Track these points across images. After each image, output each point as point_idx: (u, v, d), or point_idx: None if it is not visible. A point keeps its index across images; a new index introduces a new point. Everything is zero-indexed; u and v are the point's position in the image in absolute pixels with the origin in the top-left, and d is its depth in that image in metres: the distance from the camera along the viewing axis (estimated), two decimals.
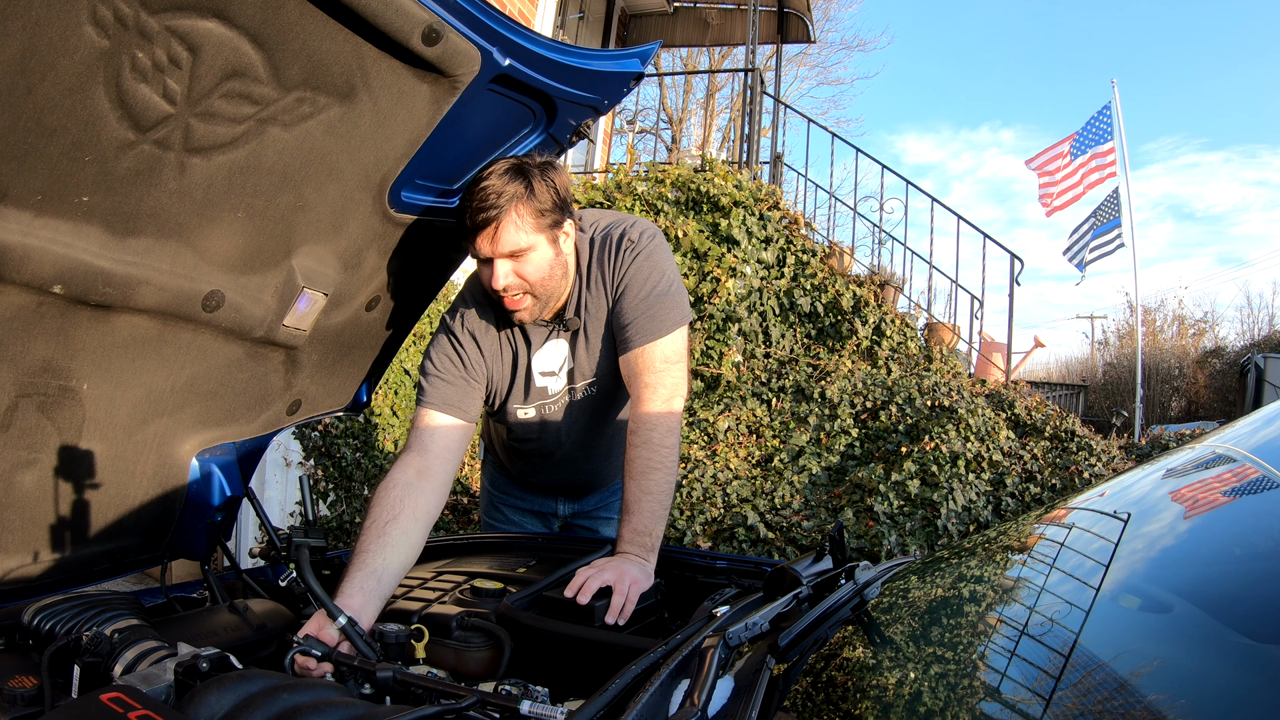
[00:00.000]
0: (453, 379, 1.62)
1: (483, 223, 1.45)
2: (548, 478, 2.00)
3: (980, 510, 4.17)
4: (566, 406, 1.75)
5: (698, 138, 17.54)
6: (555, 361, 1.70)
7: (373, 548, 1.36)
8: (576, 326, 1.66)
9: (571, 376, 1.71)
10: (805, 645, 1.02)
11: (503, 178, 1.45)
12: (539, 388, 1.71)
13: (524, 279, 1.52)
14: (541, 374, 1.70)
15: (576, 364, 1.70)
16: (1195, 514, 1.04)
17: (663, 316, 1.59)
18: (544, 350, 1.69)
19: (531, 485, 2.05)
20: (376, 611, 1.30)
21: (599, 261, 1.63)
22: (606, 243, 1.63)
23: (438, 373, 1.62)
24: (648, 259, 1.61)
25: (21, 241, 1.02)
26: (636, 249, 1.61)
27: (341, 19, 1.07)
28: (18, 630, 1.23)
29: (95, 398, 1.31)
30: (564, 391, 1.73)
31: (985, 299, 6.33)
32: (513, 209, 1.45)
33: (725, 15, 8.86)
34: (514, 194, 1.45)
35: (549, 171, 1.50)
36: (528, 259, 1.50)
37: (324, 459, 4.28)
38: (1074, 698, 0.73)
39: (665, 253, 1.65)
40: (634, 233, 1.63)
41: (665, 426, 1.54)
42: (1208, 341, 15.50)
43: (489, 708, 0.90)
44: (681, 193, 5.63)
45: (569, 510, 2.07)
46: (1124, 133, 9.09)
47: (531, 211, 1.47)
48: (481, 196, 1.44)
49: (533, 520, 2.09)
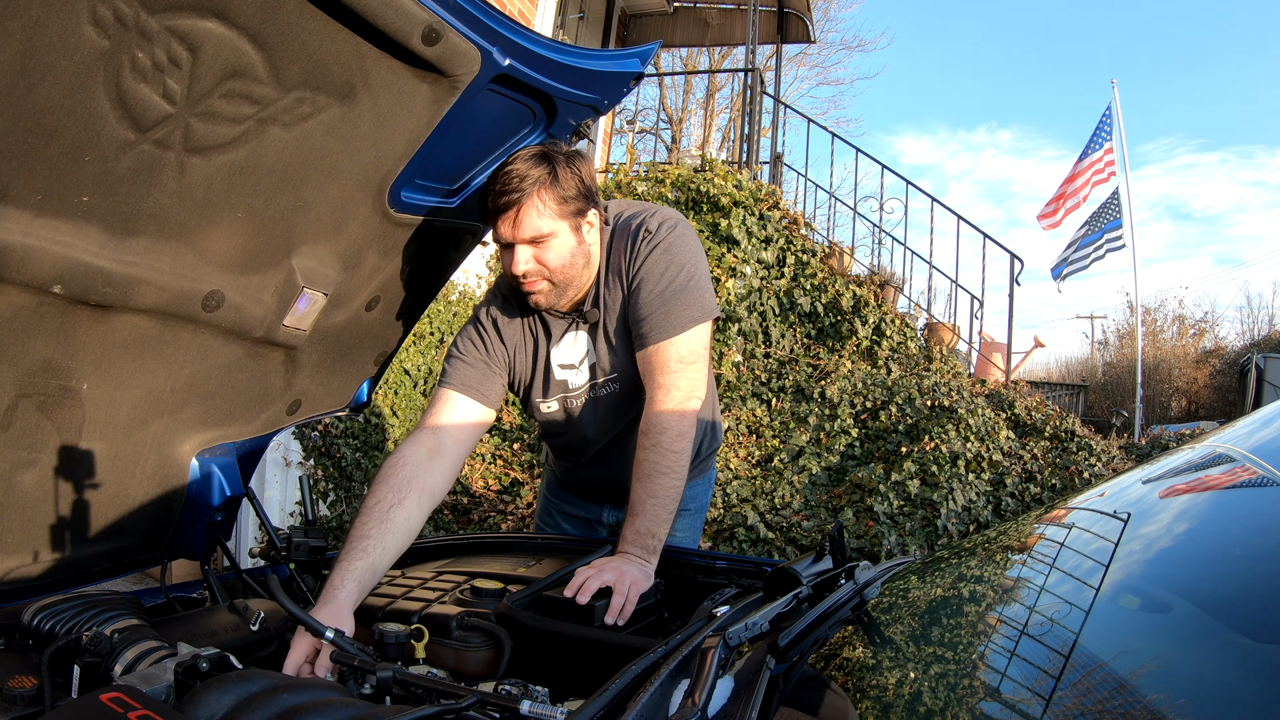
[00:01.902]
0: (474, 362, 1.62)
1: (504, 206, 1.44)
2: (586, 477, 1.95)
3: (980, 510, 4.17)
4: (589, 402, 1.71)
5: (698, 138, 17.55)
6: (575, 355, 1.67)
7: (374, 534, 1.35)
8: (595, 319, 1.62)
9: (594, 371, 1.68)
10: (805, 645, 1.02)
11: (527, 162, 1.43)
12: (559, 380, 1.69)
13: (544, 265, 1.50)
14: (561, 366, 1.68)
15: (598, 358, 1.66)
16: (1195, 514, 1.04)
17: (679, 313, 1.54)
18: (563, 343, 1.67)
19: (577, 489, 2.01)
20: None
21: (616, 252, 1.59)
22: (624, 233, 1.59)
23: (460, 355, 1.63)
24: (665, 251, 1.56)
25: (21, 241, 1.02)
26: (654, 240, 1.56)
27: (341, 19, 1.07)
28: (18, 630, 1.23)
29: (95, 398, 1.31)
30: (586, 387, 1.69)
31: (985, 299, 6.34)
32: (535, 194, 1.44)
33: (725, 15, 8.86)
34: (538, 179, 1.43)
35: (575, 160, 1.49)
36: (549, 245, 1.48)
37: (324, 459, 4.28)
38: (1074, 698, 0.73)
39: (686, 244, 1.59)
40: (652, 223, 1.58)
41: (676, 430, 1.50)
42: (1208, 341, 15.51)
43: (489, 708, 0.90)
44: (681, 193, 5.63)
45: (614, 519, 2.01)
46: (1124, 133, 9.11)
47: (555, 198, 1.46)
48: (505, 180, 1.42)
49: (580, 527, 2.04)
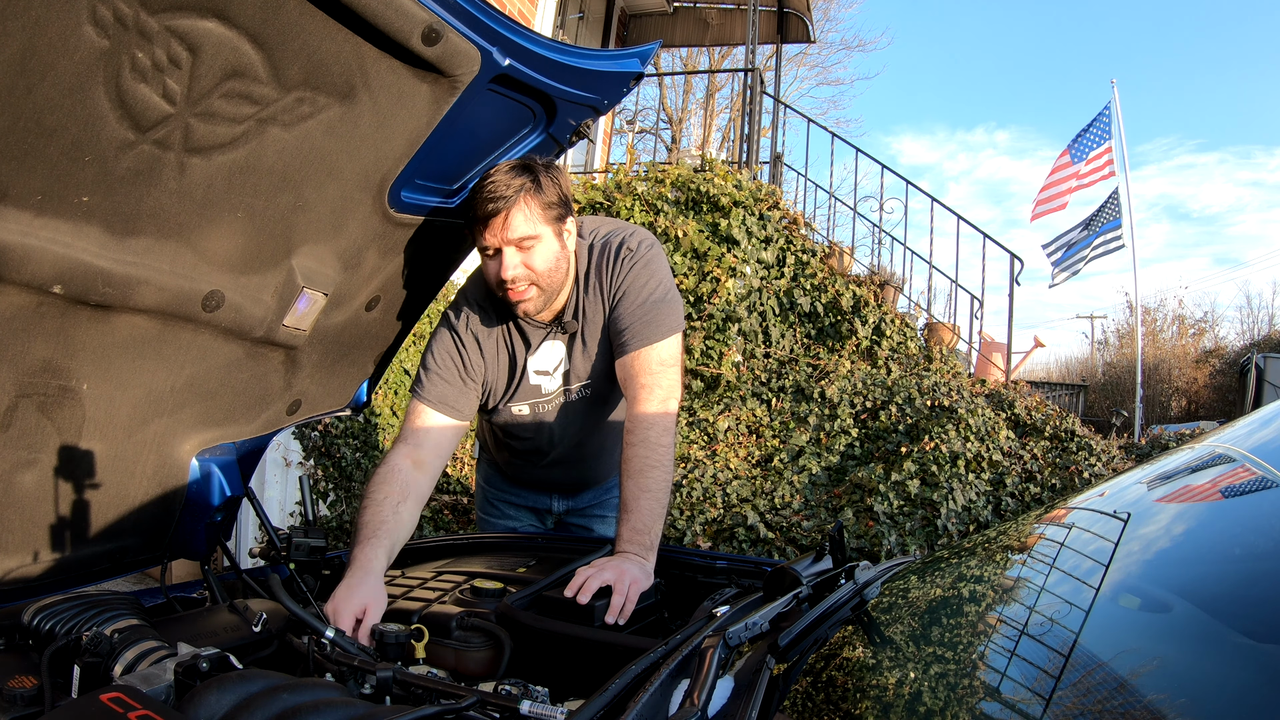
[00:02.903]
0: (450, 379, 1.68)
1: (492, 212, 1.50)
2: (542, 475, 2.02)
3: (980, 510, 4.17)
4: (561, 407, 1.80)
5: (697, 138, 17.54)
6: (551, 362, 1.74)
7: (390, 520, 1.50)
8: (574, 329, 1.70)
9: (567, 378, 1.76)
10: (805, 645, 1.02)
11: (509, 174, 1.51)
12: (533, 385, 1.75)
13: (531, 269, 1.56)
14: (536, 373, 1.74)
15: (573, 366, 1.74)
16: (1195, 514, 1.04)
17: (659, 322, 1.63)
18: (541, 350, 1.73)
19: (525, 482, 2.08)
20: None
21: (598, 268, 1.67)
22: (605, 250, 1.68)
23: (438, 369, 1.68)
24: (645, 267, 1.66)
25: (21, 241, 1.02)
26: (635, 257, 1.66)
27: (341, 19, 1.07)
28: (18, 630, 1.23)
29: (95, 398, 1.31)
30: (559, 392, 1.78)
31: (985, 299, 6.33)
32: (521, 199, 1.51)
33: (725, 15, 8.86)
34: (521, 186, 1.51)
35: (553, 170, 1.57)
36: (535, 250, 1.55)
37: (324, 459, 4.28)
38: (1074, 698, 0.73)
39: (662, 262, 1.70)
40: (632, 242, 1.68)
41: (661, 426, 1.57)
42: (1208, 341, 15.51)
43: (489, 708, 0.90)
44: (681, 193, 5.63)
45: (563, 507, 2.10)
46: (1124, 133, 9.10)
47: (539, 204, 1.53)
48: (491, 189, 1.50)
49: (528, 515, 2.12)
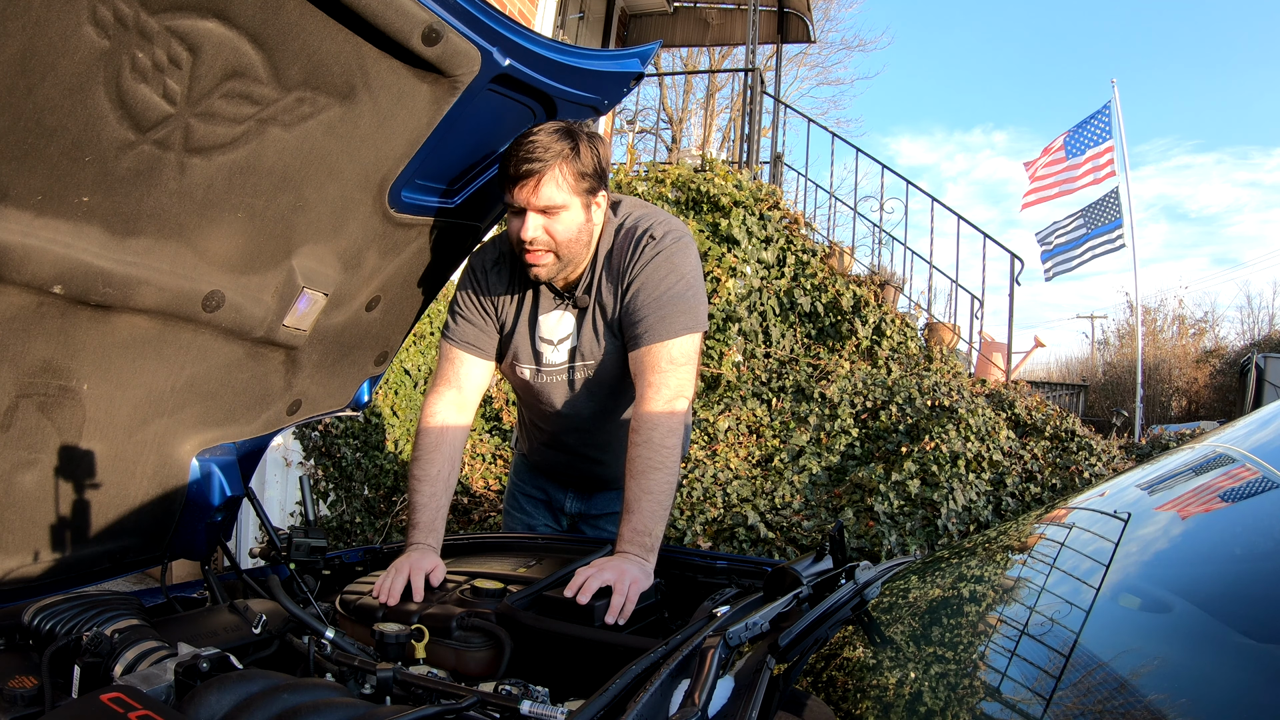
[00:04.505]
0: (473, 318, 1.73)
1: (525, 174, 1.48)
2: (555, 460, 2.01)
3: (980, 510, 4.17)
4: (567, 382, 1.77)
5: (698, 138, 17.53)
6: (559, 332, 1.72)
7: (443, 497, 1.65)
8: (585, 305, 1.68)
9: (573, 355, 1.73)
10: (805, 645, 1.02)
11: (551, 135, 1.49)
12: (537, 350, 1.75)
13: (551, 235, 1.55)
14: (542, 339, 1.73)
15: (580, 343, 1.71)
16: (1195, 514, 1.04)
17: (674, 318, 1.59)
18: (549, 317, 1.72)
19: (543, 470, 2.08)
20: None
21: (619, 250, 1.64)
22: (630, 234, 1.65)
23: (461, 310, 1.74)
24: (667, 259, 1.61)
25: (21, 241, 1.02)
26: (657, 246, 1.62)
27: (341, 19, 1.07)
28: (18, 630, 1.23)
29: (95, 398, 1.31)
30: (563, 368, 1.75)
31: (985, 299, 6.33)
32: (556, 165, 1.49)
33: (725, 15, 8.85)
34: (560, 152, 1.49)
35: (595, 140, 1.55)
36: (559, 217, 1.54)
37: (324, 459, 4.28)
38: (1074, 698, 0.73)
39: (687, 256, 1.64)
40: (658, 230, 1.64)
41: (666, 427, 1.54)
42: (1208, 341, 15.49)
43: (489, 708, 0.90)
44: (681, 192, 5.63)
45: (577, 508, 2.09)
46: (1124, 133, 9.10)
47: (573, 172, 1.51)
48: (529, 148, 1.47)
49: (544, 512, 2.12)
